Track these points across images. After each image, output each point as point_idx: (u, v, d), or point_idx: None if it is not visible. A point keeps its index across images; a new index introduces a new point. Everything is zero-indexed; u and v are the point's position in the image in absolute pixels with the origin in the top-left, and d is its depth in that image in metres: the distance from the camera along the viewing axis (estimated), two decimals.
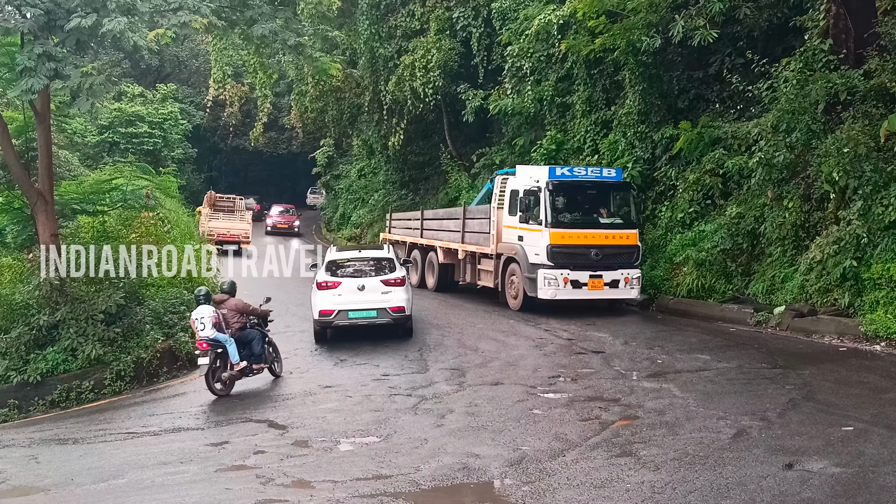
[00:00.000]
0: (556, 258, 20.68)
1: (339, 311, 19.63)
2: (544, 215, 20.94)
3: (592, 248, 20.98)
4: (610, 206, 22.23)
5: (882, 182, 17.53)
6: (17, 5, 17.57)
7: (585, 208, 21.98)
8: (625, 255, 21.43)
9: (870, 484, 9.04)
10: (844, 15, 20.05)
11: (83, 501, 10.79)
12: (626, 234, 21.46)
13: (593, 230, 21.29)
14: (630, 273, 21.20)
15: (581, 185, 21.92)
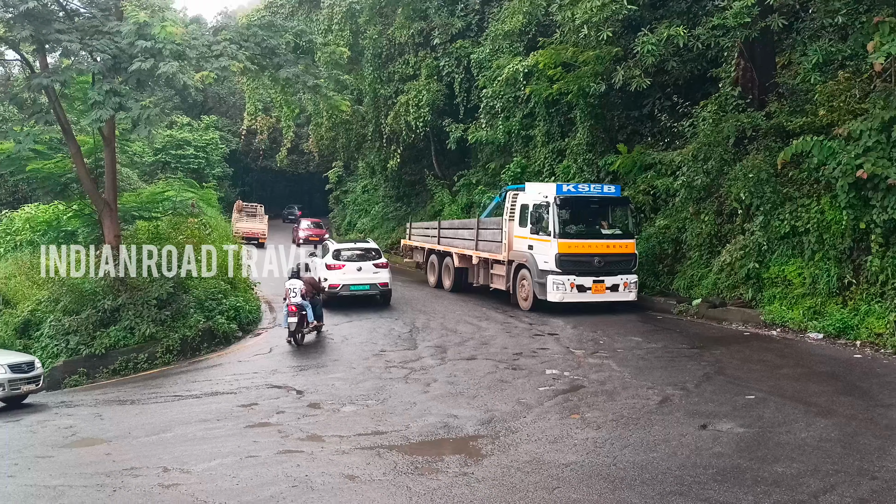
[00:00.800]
0: (563, 265, 19.35)
1: (343, 285, 22.64)
2: (552, 227, 19.51)
3: (595, 256, 19.60)
4: (610, 219, 20.82)
5: (779, 201, 17.65)
6: (89, 51, 17.52)
7: (589, 220, 20.47)
8: (624, 262, 19.96)
9: (767, 441, 9.12)
10: (751, 68, 20.17)
11: (138, 451, 10.74)
12: (624, 243, 19.98)
13: (596, 240, 19.85)
14: (628, 278, 19.80)
15: (585, 199, 20.51)
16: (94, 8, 19.79)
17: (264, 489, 8.36)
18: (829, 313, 15.96)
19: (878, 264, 15.36)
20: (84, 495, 8.72)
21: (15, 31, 17.66)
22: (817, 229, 16.71)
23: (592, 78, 22.51)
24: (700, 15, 20.87)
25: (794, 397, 11.11)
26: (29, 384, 15.22)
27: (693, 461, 8.47)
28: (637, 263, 20.30)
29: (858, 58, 15.84)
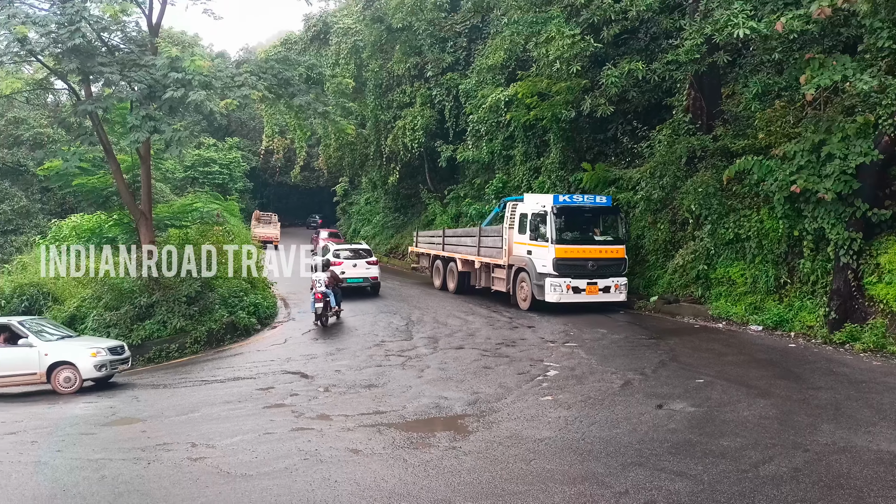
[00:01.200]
0: (560, 269, 18.56)
1: (343, 278, 22.98)
2: (550, 234, 18.71)
3: (589, 260, 18.76)
4: (602, 226, 19.94)
5: (724, 212, 17.71)
6: (128, 81, 17.48)
7: (583, 228, 19.54)
8: (615, 266, 19.11)
9: (714, 419, 9.16)
10: (700, 97, 20.24)
11: (170, 428, 10.71)
12: (615, 248, 19.15)
13: (589, 246, 19.02)
14: (619, 280, 18.94)
15: (579, 209, 19.53)
16: (132, 44, 19.74)
17: (280, 461, 8.34)
18: (767, 309, 16.03)
19: (810, 266, 15.44)
20: (122, 467, 8.69)
21: (64, 64, 17.63)
22: (757, 236, 16.79)
23: (564, 106, 22.56)
24: (656, 52, 20.95)
25: (738, 381, 11.15)
26: (122, 364, 15.51)
27: (650, 436, 8.49)
28: (627, 267, 19.51)
29: (792, 89, 15.90)
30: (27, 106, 42.43)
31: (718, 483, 6.83)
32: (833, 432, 8.31)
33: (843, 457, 7.44)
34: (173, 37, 51.89)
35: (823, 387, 10.63)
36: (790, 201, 15.26)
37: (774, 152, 15.83)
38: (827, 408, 9.40)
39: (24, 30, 16.37)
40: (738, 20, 14.87)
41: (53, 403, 13.75)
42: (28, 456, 9.64)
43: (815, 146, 14.56)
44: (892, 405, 9.38)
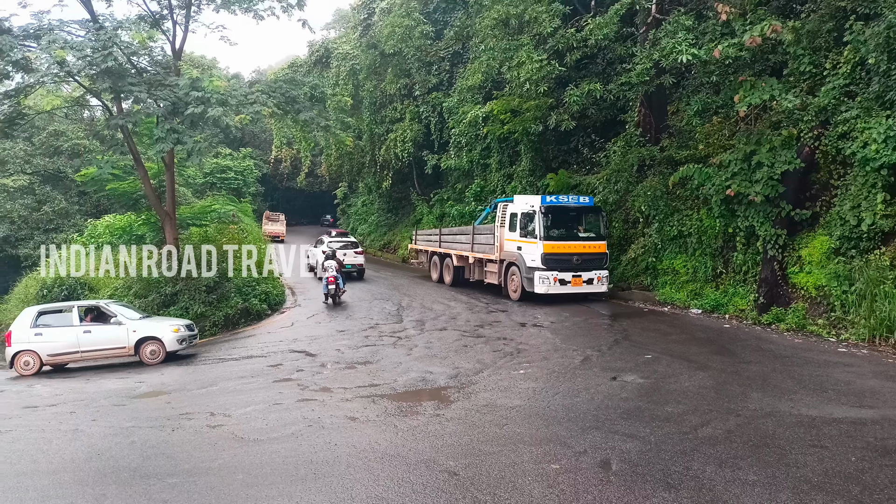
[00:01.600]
0: (548, 263, 17.70)
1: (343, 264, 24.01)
2: (538, 231, 17.85)
3: (574, 255, 17.94)
4: (585, 224, 18.90)
5: (669, 212, 17.82)
6: (154, 99, 17.31)
7: (568, 226, 18.62)
8: (597, 260, 18.19)
9: (660, 389, 9.21)
10: (649, 114, 20.34)
11: (191, 400, 10.64)
12: (598, 244, 18.25)
13: (574, 242, 18.13)
14: (601, 273, 18.07)
15: (565, 208, 18.62)
16: (157, 66, 19.55)
17: (287, 428, 8.31)
18: (705, 295, 16.16)
19: (742, 259, 15.58)
20: (150, 433, 8.63)
21: (98, 84, 17.41)
22: (697, 233, 16.91)
23: (533, 121, 22.59)
24: (612, 75, 21.00)
25: (680, 356, 11.22)
26: (193, 339, 15.79)
27: (606, 404, 8.53)
28: (608, 260, 18.72)
29: (727, 106, 16.01)
30: (66, 120, 41.94)
31: (663, 443, 6.88)
32: (761, 399, 8.39)
33: (769, 420, 7.51)
34: (194, 60, 51.39)
35: (753, 361, 10.73)
36: (725, 203, 15.39)
37: (712, 161, 15.96)
38: (756, 379, 9.49)
39: (63, 53, 16.18)
40: (682, 48, 14.97)
41: (89, 379, 13.63)
42: (67, 425, 9.55)
43: (746, 156, 14.71)
44: (811, 376, 9.48)
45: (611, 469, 6.22)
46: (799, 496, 5.41)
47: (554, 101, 21.84)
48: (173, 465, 7.18)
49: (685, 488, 5.67)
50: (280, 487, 6.23)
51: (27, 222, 39.06)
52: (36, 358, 14.46)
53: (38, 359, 14.47)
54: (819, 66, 14.42)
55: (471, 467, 6.48)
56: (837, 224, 13.22)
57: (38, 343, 14.47)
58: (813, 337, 12.56)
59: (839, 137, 13.44)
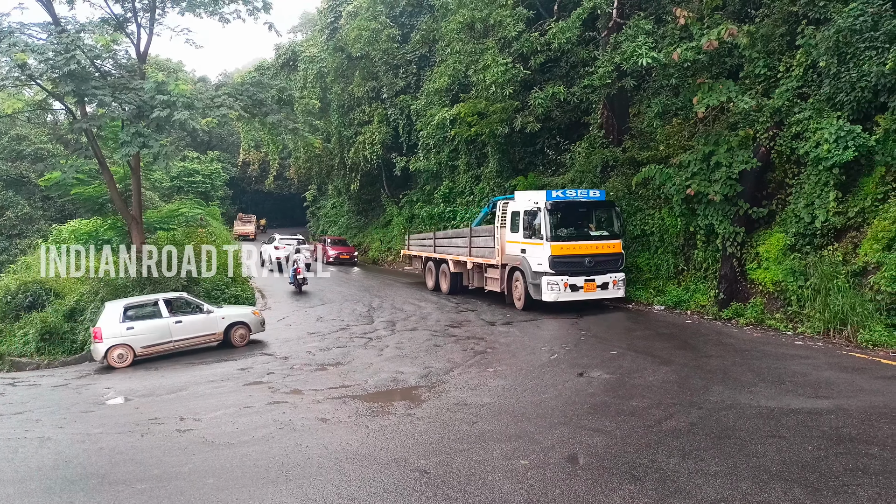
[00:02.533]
0: (556, 266, 15.79)
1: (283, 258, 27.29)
2: (545, 231, 15.92)
3: (586, 256, 16.02)
4: (597, 221, 17.00)
5: (632, 211, 18.03)
6: (119, 102, 16.96)
7: (578, 224, 16.75)
8: (612, 262, 16.27)
9: (625, 384, 9.33)
10: (612, 116, 20.55)
11: (160, 405, 10.43)
12: (612, 243, 16.33)
13: (585, 242, 16.21)
14: (617, 276, 16.16)
15: (573, 204, 16.66)
16: (122, 70, 19.19)
17: (258, 431, 8.22)
18: (668, 291, 16.40)
19: (702, 255, 15.85)
20: (118, 440, 8.45)
21: (61, 88, 17.01)
22: (659, 231, 17.15)
23: (499, 123, 22.68)
24: (575, 78, 21.18)
25: (644, 352, 11.37)
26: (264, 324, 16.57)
27: (573, 400, 8.61)
28: (624, 262, 16.70)
29: (687, 108, 16.28)
30: (28, 124, 40.90)
31: (629, 437, 6.96)
32: (722, 392, 8.55)
33: (730, 412, 7.65)
34: (159, 63, 50.47)
35: (714, 355, 10.92)
36: (686, 202, 15.64)
37: (673, 161, 16.22)
38: (717, 372, 9.66)
39: (24, 56, 15.76)
40: (642, 51, 15.18)
41: (55, 386, 13.29)
42: (33, 432, 9.30)
43: (705, 156, 14.96)
44: (769, 369, 9.68)
45: (578, 463, 6.28)
46: (759, 485, 5.53)
47: (519, 104, 21.94)
48: (143, 471, 7.05)
49: (650, 480, 5.75)
50: (251, 490, 6.16)
51: None
52: (129, 351, 14.71)
53: (131, 351, 14.73)
54: (773, 68, 14.74)
55: (441, 465, 6.49)
56: (792, 221, 13.52)
57: (130, 336, 14.71)
58: (771, 331, 12.83)
59: (793, 137, 13.76)
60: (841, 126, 12.43)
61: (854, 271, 12.07)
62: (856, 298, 11.65)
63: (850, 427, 6.91)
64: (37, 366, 16.78)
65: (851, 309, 11.59)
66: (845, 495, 5.27)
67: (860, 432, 6.75)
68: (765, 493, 5.35)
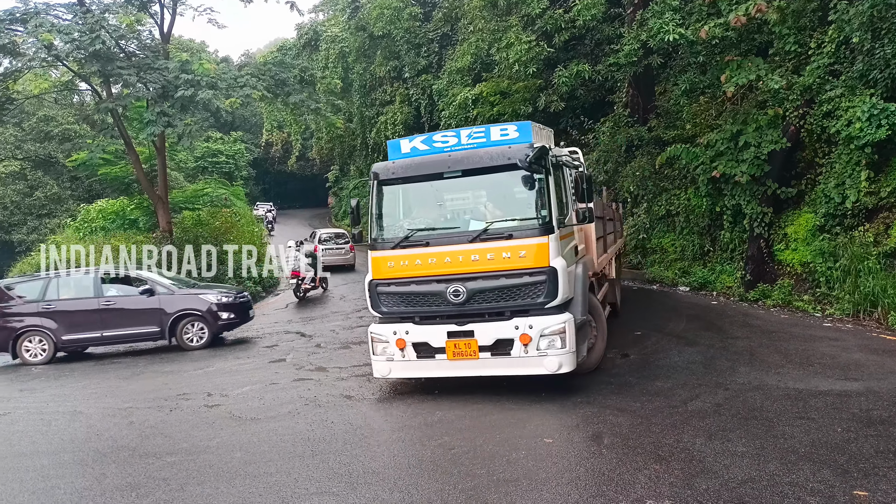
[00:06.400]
0: (384, 303, 8.15)
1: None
2: (370, 227, 8.41)
3: (450, 279, 7.75)
4: (500, 197, 8.19)
5: (658, 192, 17.87)
6: (144, 82, 17.11)
7: (444, 207, 8.56)
8: (519, 291, 7.63)
9: (650, 364, 9.27)
10: (637, 95, 20.31)
11: (188, 381, 10.62)
12: (518, 247, 7.54)
13: (450, 246, 7.77)
14: (535, 323, 7.55)
15: (433, 163, 8.12)
16: (146, 50, 19.31)
17: (283, 407, 8.32)
18: (693, 272, 16.25)
19: (729, 236, 15.65)
20: (148, 414, 8.62)
21: (86, 68, 17.21)
22: (685, 212, 16.98)
23: (522, 102, 22.50)
24: (600, 56, 20.91)
25: (669, 332, 11.28)
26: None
27: (597, 379, 8.56)
28: (563, 289, 7.59)
29: (714, 87, 15.99)
30: (55, 105, 41.39)
31: (653, 417, 6.93)
32: (748, 374, 8.45)
33: (757, 394, 7.57)
34: (182, 44, 50.70)
35: (740, 336, 10.79)
36: (713, 182, 15.41)
37: (699, 141, 15.96)
38: (743, 353, 9.56)
39: (50, 37, 15.94)
40: (669, 28, 14.90)
41: (86, 362, 13.56)
42: (65, 406, 9.52)
43: (733, 135, 14.70)
44: (797, 351, 9.55)
45: (603, 442, 6.27)
46: (787, 466, 5.47)
47: (543, 83, 21.73)
48: (172, 445, 7.18)
49: (676, 460, 5.72)
50: (278, 464, 6.24)
51: (20, 208, 38.73)
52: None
53: None
54: (804, 45, 14.39)
55: (466, 442, 6.51)
56: (822, 202, 13.27)
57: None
58: (799, 312, 12.65)
59: (824, 116, 13.45)
60: (874, 104, 12.11)
61: (886, 252, 11.83)
62: (887, 280, 11.42)
63: (880, 409, 6.80)
64: None
65: (882, 291, 11.36)
66: (876, 477, 5.19)
67: (891, 415, 6.64)
68: (793, 474, 5.30)
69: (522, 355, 7.67)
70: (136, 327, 13.48)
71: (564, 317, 7.63)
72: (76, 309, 13.64)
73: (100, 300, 13.63)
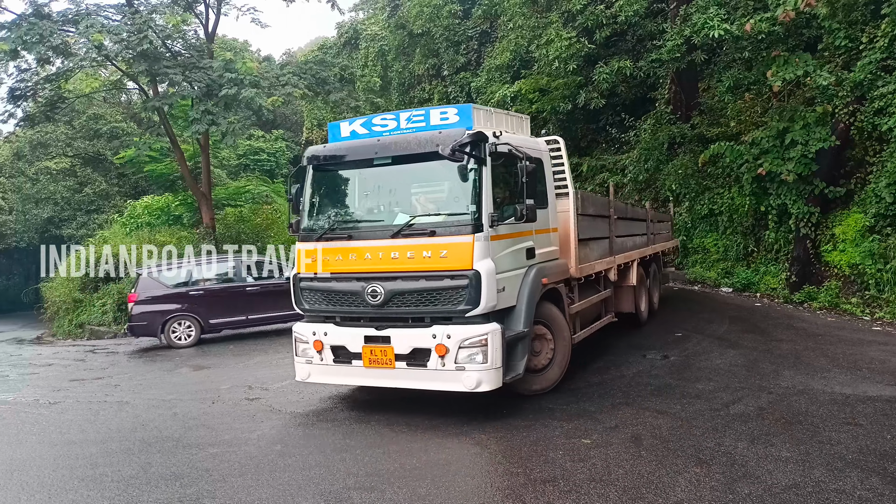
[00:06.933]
0: (306, 300, 7.67)
1: None
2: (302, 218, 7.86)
3: (370, 278, 7.07)
4: (423, 191, 7.44)
5: (700, 190, 17.56)
6: (189, 81, 17.47)
7: (372, 197, 7.75)
8: (440, 296, 6.80)
9: (691, 366, 9.14)
10: (680, 91, 19.97)
11: (230, 374, 10.82)
12: (439, 245, 6.69)
13: (375, 242, 7.06)
14: (454, 332, 6.71)
15: (359, 153, 7.39)
16: (191, 49, 19.72)
17: (323, 403, 8.42)
18: (736, 273, 15.93)
19: (773, 237, 15.31)
20: (191, 406, 8.82)
21: (134, 67, 17.66)
22: (728, 211, 16.65)
23: (561, 99, 22.27)
24: (642, 52, 20.57)
25: (711, 334, 11.10)
26: None
27: (636, 381, 8.49)
28: (490, 296, 6.68)
29: (760, 83, 15.59)
30: (104, 104, 42.57)
31: (694, 419, 6.82)
32: (793, 377, 8.26)
33: (802, 398, 7.40)
34: (226, 43, 51.54)
35: (785, 339, 10.56)
36: (757, 181, 15.06)
37: (744, 138, 15.62)
38: (788, 357, 9.35)
39: (100, 37, 16.39)
40: (714, 23, 14.57)
41: (131, 355, 13.94)
42: (112, 397, 9.81)
43: (779, 133, 14.35)
44: (844, 355, 9.30)
45: (642, 444, 6.19)
46: (833, 473, 5.33)
47: (583, 80, 21.49)
48: (214, 436, 7.33)
49: (717, 463, 5.63)
50: (317, 458, 6.33)
51: (70, 203, 39.92)
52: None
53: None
54: (855, 40, 13.94)
55: (502, 441, 6.51)
56: (872, 201, 12.87)
57: None
58: (846, 315, 12.32)
59: (875, 113, 13.05)
60: None
61: None
62: None
63: None
64: (114, 335, 17.63)
65: None
66: None
67: None
68: (839, 481, 5.16)
69: (439, 368, 6.84)
70: (277, 310, 13.91)
71: (488, 327, 6.76)
72: (223, 293, 14.61)
73: (247, 284, 14.69)
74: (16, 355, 16.37)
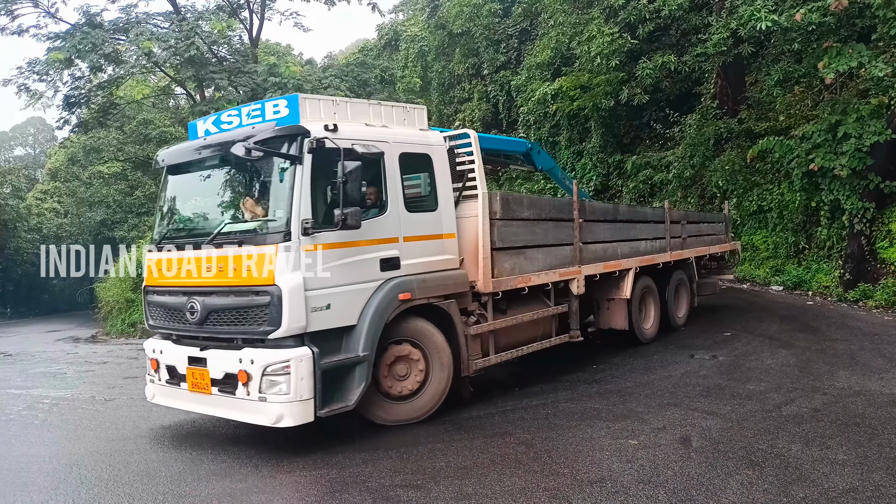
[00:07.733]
0: (150, 314, 7.16)
1: None
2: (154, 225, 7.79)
3: (191, 292, 6.43)
4: (250, 195, 6.56)
5: (748, 187, 17.19)
6: (234, 86, 17.91)
7: (205, 203, 7.14)
8: (246, 314, 6.01)
9: (741, 366, 8.95)
10: (726, 85, 19.55)
11: None
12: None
13: (195, 252, 6.42)
14: (258, 357, 5.86)
15: (184, 155, 7.00)
16: (236, 55, 20.11)
17: None
18: (787, 271, 15.54)
19: (826, 234, 14.89)
20: None
21: (182, 73, 18.11)
22: (778, 208, 16.26)
23: (604, 96, 22.01)
24: (686, 46, 20.20)
25: (761, 334, 10.85)
26: None
27: (684, 381, 8.34)
28: (283, 316, 5.77)
29: (810, 75, 15.19)
30: (153, 109, 43.79)
31: (745, 421, 6.67)
32: (849, 378, 8.02)
33: (859, 399, 7.17)
34: (270, 47, 52.41)
35: (839, 339, 10.26)
36: (808, 176, 14.65)
37: (794, 133, 15.19)
38: (843, 357, 9.08)
39: (150, 45, 16.89)
40: (761, 15, 14.20)
41: None
42: None
43: (831, 126, 13.91)
44: None
45: (691, 446, 6.08)
46: (893, 476, 5.15)
47: (625, 76, 21.19)
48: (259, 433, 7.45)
49: (770, 466, 5.49)
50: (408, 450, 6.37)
51: (121, 206, 41.19)
52: None
53: None
54: None
55: (547, 440, 6.47)
56: None
57: None
58: None
59: None
60: None
61: None
62: None
63: None
64: None
65: None
66: None
67: None
68: None
69: (244, 397, 6.01)
70: None
71: (292, 353, 5.80)
72: None
73: None
74: (72, 353, 16.97)
